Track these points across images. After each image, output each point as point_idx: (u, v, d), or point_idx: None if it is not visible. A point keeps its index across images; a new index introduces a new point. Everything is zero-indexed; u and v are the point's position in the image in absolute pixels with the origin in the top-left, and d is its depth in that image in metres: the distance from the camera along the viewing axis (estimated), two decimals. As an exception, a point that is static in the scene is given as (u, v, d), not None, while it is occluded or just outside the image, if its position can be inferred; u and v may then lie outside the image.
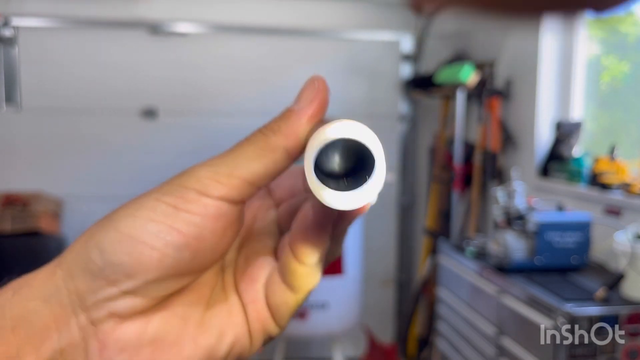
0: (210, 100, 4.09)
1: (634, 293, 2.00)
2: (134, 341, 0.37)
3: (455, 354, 2.75)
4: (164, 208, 0.40)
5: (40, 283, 0.41)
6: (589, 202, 2.62)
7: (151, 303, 0.38)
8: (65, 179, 3.98)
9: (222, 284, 0.43)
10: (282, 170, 0.42)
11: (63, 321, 0.37)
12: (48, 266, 0.42)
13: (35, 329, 0.37)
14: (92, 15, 3.92)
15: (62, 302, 0.38)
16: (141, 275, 0.37)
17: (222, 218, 0.39)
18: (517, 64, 3.32)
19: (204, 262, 0.39)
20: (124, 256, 0.37)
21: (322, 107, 0.46)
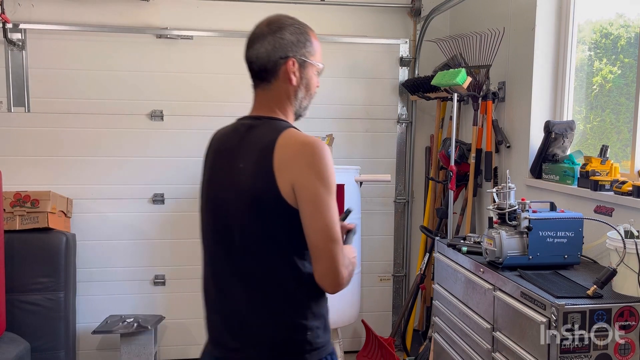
0: (215, 103, 4.13)
1: (625, 289, 2.04)
2: None
3: (451, 348, 2.79)
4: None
5: None
6: (580, 201, 2.66)
7: None
8: (74, 179, 4.03)
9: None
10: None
11: None
12: None
13: None
14: (99, 21, 3.98)
15: None
16: None
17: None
18: (511, 67, 3.38)
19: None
20: None
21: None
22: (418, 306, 4.18)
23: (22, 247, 3.65)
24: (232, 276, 1.62)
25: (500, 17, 3.48)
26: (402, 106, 4.37)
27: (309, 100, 1.68)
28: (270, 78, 1.64)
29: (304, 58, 1.64)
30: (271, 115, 1.63)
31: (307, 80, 1.65)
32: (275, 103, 1.65)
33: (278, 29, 1.68)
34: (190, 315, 4.25)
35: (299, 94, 1.65)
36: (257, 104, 1.70)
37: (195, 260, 4.31)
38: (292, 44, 1.64)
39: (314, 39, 1.69)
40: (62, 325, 3.75)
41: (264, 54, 1.64)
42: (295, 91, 1.64)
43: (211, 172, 1.76)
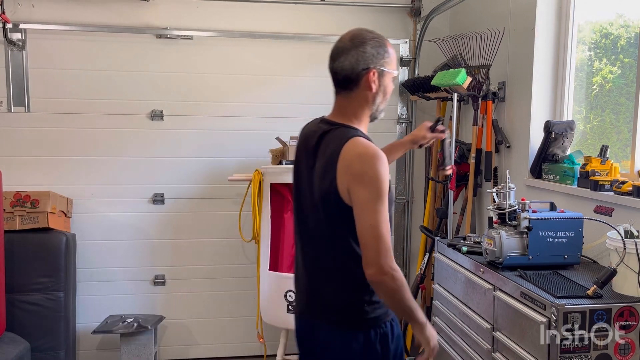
0: (215, 102, 4.14)
1: (625, 289, 2.05)
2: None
3: (451, 347, 2.80)
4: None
5: None
6: (580, 201, 2.67)
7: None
8: (74, 179, 4.03)
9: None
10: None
11: None
12: None
13: None
14: (99, 21, 3.98)
15: None
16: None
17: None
18: (511, 67, 3.38)
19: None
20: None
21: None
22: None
23: (22, 247, 3.66)
24: (308, 257, 1.96)
25: (500, 17, 3.48)
26: (402, 106, 4.37)
27: (384, 104, 1.93)
28: (352, 87, 1.87)
29: (383, 68, 1.87)
30: (345, 122, 1.89)
31: (385, 87, 1.89)
32: (353, 109, 1.89)
33: (360, 44, 1.85)
34: (190, 315, 4.25)
35: (377, 99, 1.90)
36: (337, 109, 1.93)
37: (195, 260, 4.35)
38: (373, 56, 1.85)
39: (390, 49, 1.90)
40: (62, 325, 3.75)
41: (348, 67, 1.85)
42: (374, 97, 1.89)
43: (297, 167, 2.00)
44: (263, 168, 3.76)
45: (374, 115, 1.93)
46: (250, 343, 4.29)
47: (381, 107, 1.92)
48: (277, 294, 3.57)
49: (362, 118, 1.91)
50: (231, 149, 4.16)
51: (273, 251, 3.67)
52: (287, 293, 3.52)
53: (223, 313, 4.30)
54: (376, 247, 1.71)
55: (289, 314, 3.53)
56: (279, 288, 3.56)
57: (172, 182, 4.14)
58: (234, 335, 4.31)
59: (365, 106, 1.89)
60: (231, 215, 4.16)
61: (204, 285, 4.25)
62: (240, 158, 4.17)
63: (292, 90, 4.20)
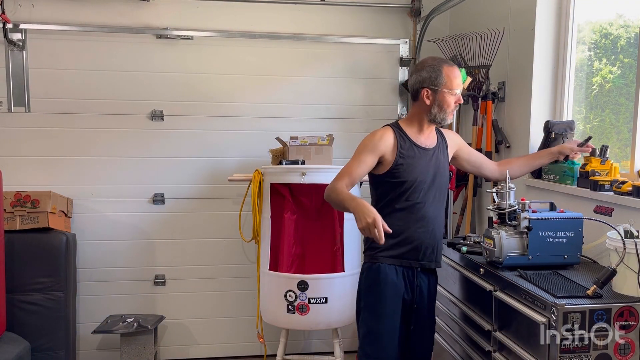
0: (215, 103, 4.14)
1: (625, 289, 2.05)
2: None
3: (451, 347, 2.80)
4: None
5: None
6: (580, 201, 2.67)
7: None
8: (74, 179, 4.03)
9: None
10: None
11: None
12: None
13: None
14: (99, 21, 3.98)
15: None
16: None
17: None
18: (511, 67, 3.38)
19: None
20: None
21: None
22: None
23: (22, 247, 3.66)
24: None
25: (500, 17, 3.48)
26: (402, 106, 4.38)
27: (444, 113, 2.53)
28: (415, 99, 2.57)
29: (435, 87, 2.49)
30: (404, 119, 2.66)
31: (440, 101, 2.50)
32: (413, 113, 2.60)
33: (420, 69, 2.54)
34: (190, 315, 4.25)
35: (433, 110, 2.52)
36: (408, 112, 2.82)
37: (195, 260, 4.35)
38: (426, 79, 2.51)
39: (448, 72, 2.50)
40: (62, 325, 3.75)
41: (411, 84, 2.57)
42: (429, 109, 2.53)
43: None
44: (263, 168, 3.77)
45: (434, 120, 2.54)
46: (250, 343, 4.30)
47: (439, 116, 2.52)
48: (277, 294, 3.57)
49: (414, 120, 2.59)
50: (231, 149, 4.17)
51: (273, 251, 3.67)
52: (287, 293, 3.52)
53: (223, 313, 4.30)
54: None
55: (289, 314, 3.53)
56: (279, 288, 3.56)
57: (172, 182, 4.14)
58: (234, 335, 4.31)
59: (423, 113, 2.54)
60: (231, 215, 4.16)
61: (204, 285, 4.25)
62: (240, 158, 4.17)
63: (292, 90, 4.20)
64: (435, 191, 2.57)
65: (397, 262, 2.53)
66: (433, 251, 2.57)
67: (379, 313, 2.52)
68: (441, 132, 2.70)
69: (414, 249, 2.53)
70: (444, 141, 2.68)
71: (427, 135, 2.60)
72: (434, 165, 2.57)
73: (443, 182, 2.62)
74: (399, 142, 2.52)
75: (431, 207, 2.55)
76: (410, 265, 2.54)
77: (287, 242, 3.64)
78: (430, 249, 2.56)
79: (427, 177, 2.54)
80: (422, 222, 2.54)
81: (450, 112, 2.54)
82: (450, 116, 2.56)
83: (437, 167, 2.58)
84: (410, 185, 2.51)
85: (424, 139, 2.58)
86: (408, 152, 2.52)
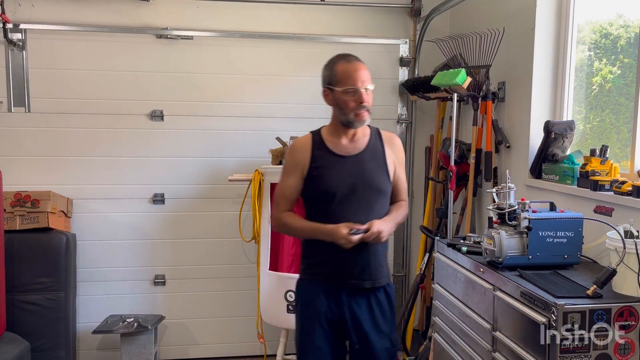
0: (215, 102, 4.15)
1: (625, 289, 2.04)
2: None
3: (451, 347, 2.80)
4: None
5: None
6: (580, 201, 2.66)
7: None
8: (74, 179, 4.03)
9: None
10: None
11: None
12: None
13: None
14: (99, 21, 3.98)
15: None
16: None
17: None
18: (511, 67, 3.38)
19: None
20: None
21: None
22: (418, 306, 4.19)
23: (22, 247, 3.66)
24: None
25: (500, 17, 3.48)
26: (402, 106, 4.38)
27: (345, 115, 2.35)
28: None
29: (331, 86, 2.35)
30: (328, 124, 2.48)
31: (337, 101, 2.35)
32: (332, 116, 2.44)
33: (323, 68, 2.42)
34: (190, 315, 4.25)
35: (336, 111, 2.38)
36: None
37: (195, 260, 4.35)
38: (325, 78, 2.40)
39: (341, 68, 2.34)
40: (62, 325, 3.76)
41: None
42: (333, 109, 2.40)
43: None
44: (263, 168, 3.77)
45: (342, 121, 2.38)
46: (250, 343, 4.30)
47: (342, 117, 2.35)
48: (277, 294, 3.57)
49: (332, 124, 2.44)
50: (231, 149, 4.17)
51: (273, 251, 3.67)
52: (287, 293, 3.52)
53: (223, 313, 4.30)
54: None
55: (289, 314, 3.53)
56: (279, 288, 3.56)
57: (172, 182, 4.15)
58: (234, 335, 4.31)
59: (334, 114, 2.41)
60: (231, 215, 4.16)
61: (204, 285, 4.25)
62: (240, 158, 4.17)
63: (292, 90, 4.20)
64: (360, 202, 2.37)
65: (318, 280, 2.42)
66: (365, 270, 2.39)
67: (299, 330, 2.48)
68: (381, 138, 2.49)
69: (336, 267, 2.39)
70: (381, 147, 2.46)
71: (352, 140, 2.42)
72: (355, 173, 2.37)
73: (370, 192, 2.39)
74: (313, 151, 2.39)
75: (355, 219, 2.33)
76: (334, 285, 2.40)
77: (287, 242, 3.64)
78: (359, 267, 2.39)
79: (343, 188, 2.35)
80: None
81: (354, 113, 2.33)
82: (357, 118, 2.34)
83: (359, 175, 2.38)
84: (324, 197, 2.36)
85: (345, 144, 2.41)
86: (321, 161, 2.36)
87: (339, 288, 2.40)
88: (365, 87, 2.33)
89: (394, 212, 2.50)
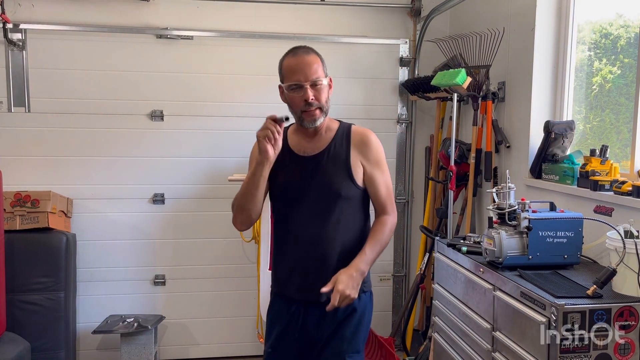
0: (215, 102, 4.14)
1: (625, 289, 2.05)
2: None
3: (451, 347, 2.80)
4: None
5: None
6: (580, 201, 2.67)
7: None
8: (74, 179, 4.03)
9: None
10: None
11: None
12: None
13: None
14: (99, 21, 3.98)
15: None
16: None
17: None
18: (511, 67, 3.38)
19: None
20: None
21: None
22: (418, 306, 4.19)
23: (22, 247, 3.66)
24: None
25: (500, 17, 3.48)
26: (402, 106, 4.38)
27: (295, 112, 2.18)
28: None
29: (281, 83, 2.21)
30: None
31: (286, 98, 2.19)
32: None
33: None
34: (190, 315, 4.25)
35: (290, 109, 2.20)
36: None
37: (195, 260, 4.35)
38: (279, 75, 2.23)
39: (286, 64, 2.18)
40: (62, 325, 3.76)
41: None
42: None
43: None
44: (263, 168, 3.76)
45: (296, 120, 2.21)
46: (251, 343, 4.30)
47: (294, 115, 2.19)
48: (277, 294, 3.56)
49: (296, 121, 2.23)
50: (231, 149, 4.16)
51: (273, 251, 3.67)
52: (287, 293, 3.52)
53: (223, 313, 4.30)
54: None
55: (289, 314, 3.52)
56: (279, 288, 3.56)
57: (172, 182, 4.15)
58: (234, 335, 4.31)
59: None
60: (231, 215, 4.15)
61: (204, 285, 4.25)
62: (240, 158, 4.17)
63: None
64: (316, 207, 2.15)
65: (280, 291, 2.27)
66: (317, 282, 2.08)
67: (267, 344, 2.29)
68: (349, 137, 2.22)
69: (290, 277, 2.21)
70: (346, 147, 2.20)
71: (312, 139, 2.21)
72: (309, 175, 2.16)
73: (327, 196, 2.14)
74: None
75: (310, 227, 2.15)
76: (291, 297, 2.22)
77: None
78: (311, 278, 2.15)
79: (295, 190, 2.17)
80: (297, 244, 2.18)
81: (302, 111, 2.13)
82: (305, 117, 2.13)
83: (314, 177, 2.16)
84: (278, 197, 2.23)
85: (304, 144, 2.21)
86: (279, 158, 2.13)
87: (296, 301, 2.21)
88: (313, 82, 2.10)
89: (371, 243, 2.17)
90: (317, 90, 2.12)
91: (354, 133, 2.23)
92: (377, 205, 2.25)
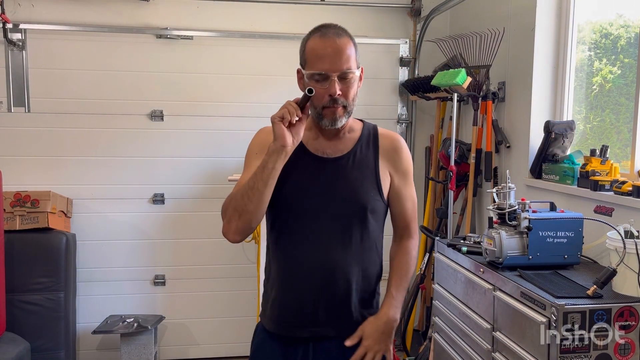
0: (215, 103, 4.14)
1: (625, 289, 2.04)
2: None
3: (451, 347, 2.80)
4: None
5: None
6: (580, 201, 2.67)
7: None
8: (74, 179, 4.03)
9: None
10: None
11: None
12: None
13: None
14: (99, 21, 3.98)
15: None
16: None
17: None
18: (511, 67, 3.38)
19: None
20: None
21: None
22: (418, 306, 4.18)
23: (22, 247, 3.66)
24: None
25: (500, 17, 3.48)
26: (402, 106, 4.38)
27: (315, 107, 1.74)
28: None
29: (301, 67, 1.77)
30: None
31: (305, 87, 1.70)
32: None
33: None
34: (190, 315, 4.25)
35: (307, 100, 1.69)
36: None
37: (195, 260, 4.35)
38: (300, 57, 1.77)
39: (310, 46, 1.72)
40: (62, 325, 3.76)
41: None
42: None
43: None
44: (263, 168, 3.75)
45: (313, 115, 1.77)
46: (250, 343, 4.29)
47: (312, 109, 1.74)
48: (277, 294, 3.56)
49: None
50: (231, 149, 4.16)
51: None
52: (287, 293, 3.51)
53: (223, 313, 4.30)
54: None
55: (289, 314, 3.52)
56: (279, 288, 3.55)
57: (172, 182, 4.15)
58: (233, 335, 4.31)
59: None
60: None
61: (204, 285, 4.25)
62: (240, 158, 4.12)
63: (292, 91, 4.16)
64: (333, 222, 1.73)
65: (276, 331, 1.84)
66: (332, 312, 1.75)
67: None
68: (377, 139, 1.87)
69: (298, 314, 1.77)
70: (374, 151, 1.84)
71: (333, 138, 1.80)
72: (332, 181, 1.75)
73: (350, 210, 1.74)
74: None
75: (328, 248, 1.73)
76: (290, 334, 1.79)
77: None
78: (323, 307, 1.75)
79: (312, 199, 1.73)
80: (308, 271, 1.74)
81: (323, 107, 1.71)
82: (326, 114, 1.71)
83: (337, 185, 1.75)
84: (283, 207, 1.76)
85: (323, 143, 1.79)
86: (292, 157, 1.70)
87: (297, 338, 1.80)
88: (343, 73, 1.69)
89: (396, 281, 1.87)
90: (346, 83, 1.70)
91: (382, 136, 1.88)
92: (400, 225, 1.89)
